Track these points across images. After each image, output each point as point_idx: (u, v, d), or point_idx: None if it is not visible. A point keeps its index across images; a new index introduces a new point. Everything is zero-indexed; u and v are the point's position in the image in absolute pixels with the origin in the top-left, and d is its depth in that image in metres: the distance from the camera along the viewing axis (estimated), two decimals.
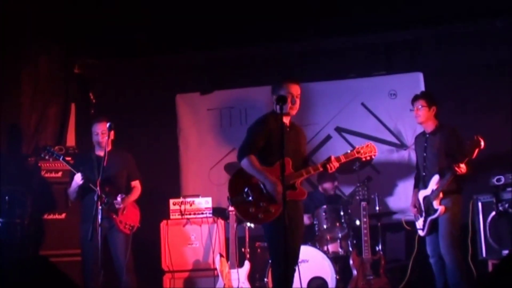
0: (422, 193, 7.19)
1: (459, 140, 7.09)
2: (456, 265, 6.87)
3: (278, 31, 9.15)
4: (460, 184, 7.08)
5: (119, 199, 7.37)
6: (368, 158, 6.23)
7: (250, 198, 5.94)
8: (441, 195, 6.96)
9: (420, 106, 7.22)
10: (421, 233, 7.24)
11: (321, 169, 6.00)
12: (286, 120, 6.05)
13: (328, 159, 5.97)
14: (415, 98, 7.33)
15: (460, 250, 6.99)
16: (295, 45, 9.70)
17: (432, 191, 7.03)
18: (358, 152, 6.11)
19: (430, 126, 7.26)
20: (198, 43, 9.45)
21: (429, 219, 7.07)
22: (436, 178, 7.03)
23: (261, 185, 5.91)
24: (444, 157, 7.05)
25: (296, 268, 6.02)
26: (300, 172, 5.94)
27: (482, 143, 6.72)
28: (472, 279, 7.44)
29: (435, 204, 6.98)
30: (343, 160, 6.01)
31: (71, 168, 7.42)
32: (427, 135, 7.28)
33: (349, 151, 6.12)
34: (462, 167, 6.80)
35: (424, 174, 7.23)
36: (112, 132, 7.19)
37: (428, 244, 7.21)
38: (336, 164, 5.96)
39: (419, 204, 7.23)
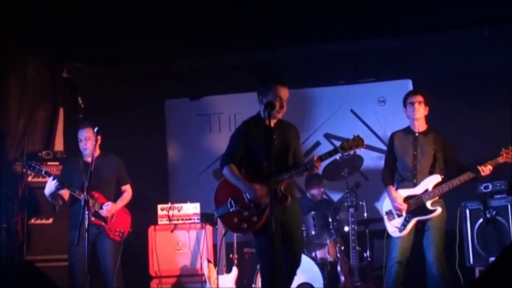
0: (406, 192, 7.03)
1: (451, 145, 7.12)
2: (445, 272, 6.84)
3: (267, 38, 9.17)
4: None
5: (104, 208, 7.36)
6: (356, 152, 5.92)
7: (234, 208, 5.93)
8: (437, 197, 6.88)
9: (419, 101, 7.11)
10: (396, 234, 7.03)
11: (303, 169, 5.82)
12: (272, 121, 5.79)
13: (311, 160, 5.77)
14: (412, 93, 7.25)
15: (444, 254, 6.95)
16: (285, 52, 9.71)
17: (427, 191, 6.92)
18: (342, 148, 5.82)
19: (422, 126, 7.17)
20: (187, 50, 9.45)
21: (415, 219, 6.95)
22: (435, 178, 6.93)
23: (244, 194, 5.88)
24: (441, 159, 7.00)
25: (296, 274, 6.04)
26: (282, 176, 5.79)
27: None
28: (459, 286, 7.44)
29: (429, 204, 6.88)
30: (325, 157, 5.81)
31: (46, 175, 7.34)
32: (417, 134, 7.16)
33: (333, 148, 5.88)
34: (489, 168, 6.75)
35: (412, 173, 7.07)
36: (99, 137, 7.18)
37: (398, 247, 7.00)
38: (319, 164, 5.77)
39: (402, 201, 7.03)
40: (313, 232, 8.23)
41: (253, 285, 7.94)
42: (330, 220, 8.26)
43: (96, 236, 7.35)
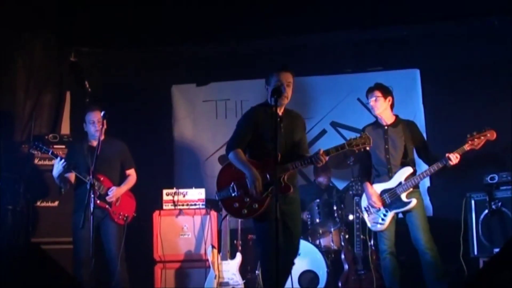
0: (382, 186, 7.06)
1: (421, 133, 7.21)
2: (438, 260, 6.83)
3: (275, 25, 9.13)
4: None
5: (110, 193, 7.38)
6: (362, 149, 5.91)
7: (236, 193, 5.98)
8: (411, 188, 6.91)
9: (375, 98, 7.17)
10: (377, 227, 7.09)
11: (308, 162, 5.88)
12: (280, 110, 5.96)
13: (317, 153, 5.79)
14: (369, 90, 7.31)
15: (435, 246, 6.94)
16: (292, 39, 9.66)
17: (400, 183, 6.93)
18: (349, 144, 5.83)
19: (389, 118, 7.20)
20: (195, 35, 9.41)
21: (393, 212, 6.99)
22: (407, 170, 6.94)
23: (246, 180, 5.91)
24: (411, 149, 7.03)
25: (294, 263, 6.07)
26: (286, 167, 5.82)
27: (494, 135, 6.77)
28: (463, 276, 7.46)
29: (404, 197, 6.91)
30: (332, 153, 5.82)
31: (55, 158, 7.33)
32: (386, 127, 7.18)
33: (339, 144, 5.88)
34: (457, 157, 6.72)
35: (386, 167, 7.09)
36: (105, 121, 7.20)
37: (385, 239, 7.07)
38: (325, 158, 5.78)
39: (377, 197, 7.07)
40: (317, 220, 8.26)
41: (257, 271, 7.98)
42: (335, 208, 8.28)
43: (101, 220, 7.38)
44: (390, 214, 7.00)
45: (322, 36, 9.59)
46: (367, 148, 5.95)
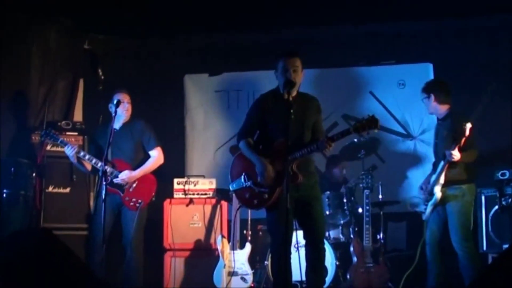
0: (432, 178, 7.18)
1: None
2: (470, 258, 6.90)
3: (288, 16, 9.13)
4: (472, 171, 7.08)
5: (121, 176, 7.32)
6: (369, 132, 5.67)
7: (247, 183, 6.01)
8: (441, 181, 6.97)
9: (421, 99, 7.35)
10: (423, 216, 7.25)
11: (315, 150, 5.76)
12: (291, 94, 5.80)
13: (322, 140, 5.69)
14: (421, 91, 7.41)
15: (473, 242, 7.02)
16: (306, 31, 9.65)
17: (436, 176, 7.04)
18: (355, 129, 5.59)
19: (440, 114, 7.30)
20: (209, 25, 9.42)
21: (428, 204, 7.11)
22: (441, 164, 7.03)
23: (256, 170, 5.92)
24: (450, 143, 7.00)
25: (320, 250, 6.00)
26: (294, 156, 5.73)
27: (467, 131, 6.74)
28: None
29: (435, 189, 7.00)
30: (337, 139, 5.68)
31: (62, 145, 7.38)
32: (439, 121, 7.33)
33: (345, 129, 5.74)
34: (454, 154, 6.79)
35: (437, 160, 7.23)
36: (127, 104, 7.29)
37: (426, 229, 7.23)
38: (330, 144, 5.64)
39: (428, 187, 7.20)
40: (327, 212, 8.27)
41: (266, 262, 8.00)
42: (345, 200, 8.29)
43: (121, 205, 7.41)
44: (429, 207, 7.13)
45: (335, 28, 9.60)
46: (375, 131, 5.68)
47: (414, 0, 8.65)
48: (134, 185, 7.44)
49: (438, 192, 6.99)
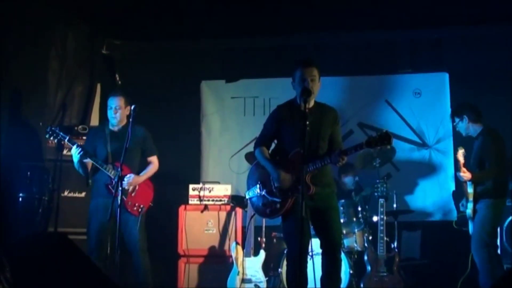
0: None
1: (497, 142, 7.20)
2: (483, 267, 6.96)
3: (306, 23, 9.16)
4: (498, 187, 7.11)
5: (126, 180, 7.21)
6: (382, 147, 5.68)
7: (261, 192, 6.03)
8: (470, 198, 7.09)
9: (455, 123, 7.44)
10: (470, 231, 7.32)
11: (329, 162, 5.75)
12: (308, 104, 5.75)
13: (335, 153, 5.67)
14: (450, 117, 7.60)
15: (487, 251, 7.00)
16: (323, 38, 9.69)
17: (465, 194, 7.18)
18: (368, 143, 5.55)
19: (473, 133, 7.37)
20: (227, 30, 9.46)
21: (469, 221, 7.25)
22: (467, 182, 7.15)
23: (271, 179, 5.95)
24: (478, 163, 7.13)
25: (337, 259, 5.96)
26: (308, 168, 5.71)
27: (459, 156, 6.97)
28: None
29: (468, 205, 7.16)
30: (350, 153, 5.68)
31: (69, 144, 7.33)
32: (474, 140, 7.36)
33: (358, 143, 5.67)
34: (463, 175, 6.99)
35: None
36: (127, 108, 7.28)
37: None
38: (344, 157, 5.65)
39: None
40: (341, 220, 8.25)
41: (280, 269, 7.98)
42: (359, 209, 8.28)
43: (118, 210, 7.28)
44: (469, 222, 7.26)
45: (353, 36, 9.63)
46: (388, 147, 5.76)
47: (431, 9, 8.66)
48: (136, 190, 7.39)
49: (469, 209, 7.12)
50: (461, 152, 6.99)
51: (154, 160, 7.68)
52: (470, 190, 7.07)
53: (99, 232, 7.06)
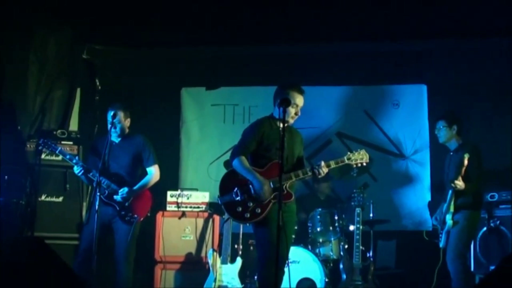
0: (443, 207, 7.30)
1: (479, 158, 7.21)
2: (457, 276, 7.01)
3: (287, 32, 9.20)
4: (476, 200, 7.20)
5: (120, 193, 7.26)
6: (359, 164, 6.27)
7: (239, 198, 6.11)
8: (451, 209, 7.11)
9: (441, 126, 7.41)
10: (439, 244, 7.32)
11: (310, 173, 6.07)
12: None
13: (319, 164, 6.03)
14: (436, 119, 7.56)
15: (462, 262, 7.07)
16: (304, 47, 9.72)
17: (446, 205, 7.17)
18: (349, 159, 6.17)
19: (453, 145, 7.43)
20: (207, 38, 9.49)
21: (443, 232, 7.24)
22: (449, 193, 7.15)
23: (250, 186, 6.05)
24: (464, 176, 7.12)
25: (285, 270, 6.13)
26: (289, 175, 6.02)
27: (466, 161, 6.92)
28: None
29: (447, 217, 7.14)
30: (332, 166, 6.10)
31: (67, 160, 7.40)
32: (451, 153, 7.42)
33: (340, 157, 6.19)
34: (458, 184, 6.93)
35: (446, 189, 7.31)
36: (128, 120, 7.47)
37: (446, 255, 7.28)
38: (325, 170, 6.03)
39: (441, 216, 7.34)
40: (318, 229, 8.31)
41: (255, 276, 8.00)
42: (336, 218, 8.33)
43: (112, 218, 7.34)
44: (443, 234, 7.30)
45: (332, 46, 9.67)
46: (364, 164, 6.29)
47: (410, 21, 8.74)
48: (130, 201, 7.37)
49: (449, 220, 7.13)
50: (467, 158, 6.96)
51: (152, 170, 7.67)
52: (452, 201, 7.13)
53: (89, 237, 7.02)
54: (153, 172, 7.67)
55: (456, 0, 8.09)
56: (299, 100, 6.18)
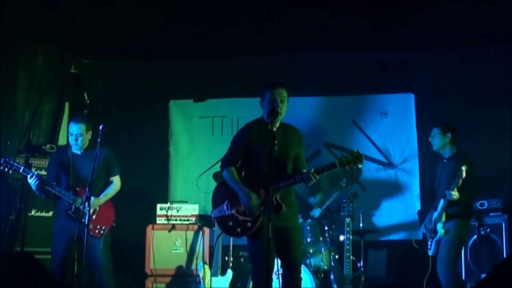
0: (434, 215, 7.32)
1: (472, 168, 7.20)
2: (448, 285, 7.01)
3: (274, 43, 9.23)
4: (467, 209, 7.23)
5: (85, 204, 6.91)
6: (354, 167, 5.89)
7: (229, 211, 6.02)
8: (443, 218, 7.14)
9: (435, 134, 7.43)
10: (429, 252, 7.34)
11: (300, 181, 5.84)
12: (274, 125, 5.86)
13: (308, 171, 5.79)
14: (432, 126, 7.56)
15: (453, 271, 7.09)
16: (290, 58, 9.76)
17: (438, 214, 7.19)
18: (340, 163, 5.79)
19: (446, 153, 7.45)
20: (195, 50, 9.50)
21: (433, 240, 7.25)
22: (441, 202, 7.19)
23: (239, 198, 5.96)
24: (452, 183, 7.13)
25: (298, 279, 6.00)
26: (278, 186, 5.81)
27: (464, 173, 6.91)
28: None
29: (438, 226, 7.17)
30: (323, 171, 5.81)
31: (24, 174, 7.21)
32: (445, 161, 7.44)
33: (330, 162, 5.86)
34: (454, 194, 6.97)
35: (437, 198, 7.34)
36: (89, 133, 7.30)
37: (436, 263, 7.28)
38: (316, 176, 5.78)
39: (430, 225, 7.36)
40: (308, 240, 8.31)
41: None
42: (326, 228, 8.33)
43: (82, 232, 6.94)
44: (432, 242, 7.34)
45: (319, 56, 9.70)
46: (359, 166, 5.93)
47: (397, 31, 8.79)
48: (97, 212, 7.30)
49: (441, 229, 7.15)
50: (464, 169, 6.97)
51: (115, 179, 7.60)
52: (444, 210, 7.16)
53: (62, 253, 7.02)
54: (117, 182, 7.60)
55: (442, 9, 8.14)
56: (277, 92, 5.93)
